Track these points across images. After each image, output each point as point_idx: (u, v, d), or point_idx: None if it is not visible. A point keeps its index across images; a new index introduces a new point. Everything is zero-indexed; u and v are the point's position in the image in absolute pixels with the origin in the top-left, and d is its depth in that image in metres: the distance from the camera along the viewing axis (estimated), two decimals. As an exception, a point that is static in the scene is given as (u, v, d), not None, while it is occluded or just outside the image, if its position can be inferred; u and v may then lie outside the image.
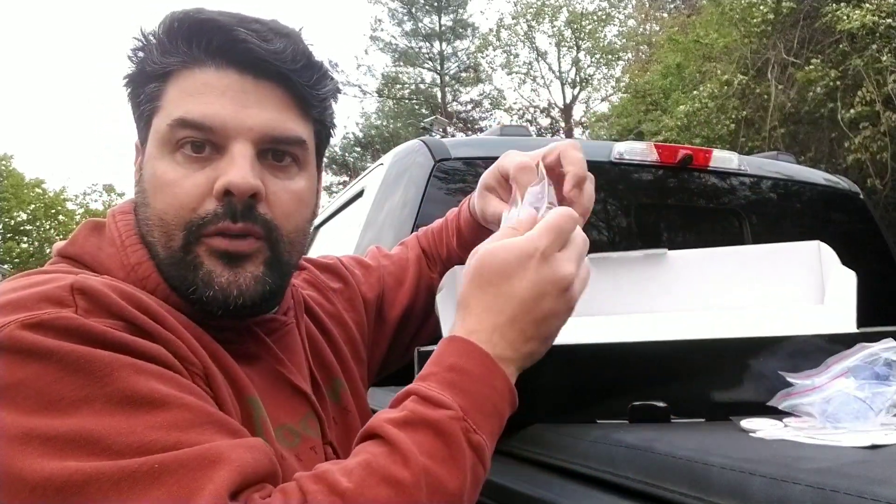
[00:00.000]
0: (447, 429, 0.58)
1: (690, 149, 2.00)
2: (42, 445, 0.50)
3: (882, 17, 6.78)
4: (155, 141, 0.68)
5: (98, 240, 0.70)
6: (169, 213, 0.66)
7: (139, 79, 0.70)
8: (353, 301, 0.93)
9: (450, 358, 0.63)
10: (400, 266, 1.01)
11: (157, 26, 0.69)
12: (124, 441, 0.51)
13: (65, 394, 0.52)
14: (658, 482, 0.60)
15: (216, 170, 0.66)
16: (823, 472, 0.48)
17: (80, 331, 0.55)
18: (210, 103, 0.66)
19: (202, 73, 0.67)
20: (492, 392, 0.62)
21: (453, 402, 0.59)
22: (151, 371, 0.56)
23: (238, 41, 0.66)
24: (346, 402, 0.83)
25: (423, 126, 14.61)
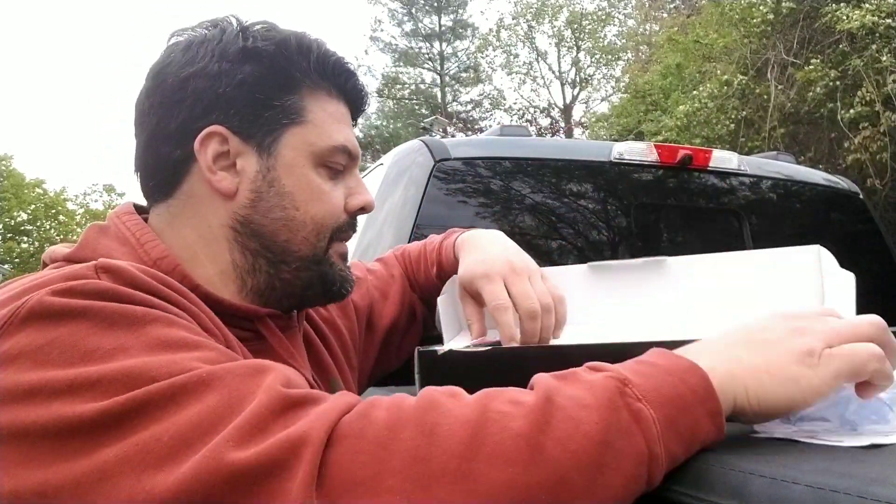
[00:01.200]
0: (599, 384, 0.51)
1: (690, 149, 2.00)
2: (90, 390, 0.50)
3: (882, 18, 6.78)
4: (301, 151, 0.74)
5: (108, 241, 0.70)
6: (326, 217, 0.76)
7: (279, 83, 0.74)
8: (345, 309, 0.97)
9: (639, 357, 0.57)
10: (384, 281, 1.05)
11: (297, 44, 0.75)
12: (167, 370, 0.51)
13: (101, 344, 0.52)
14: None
15: (347, 188, 0.79)
16: (823, 472, 0.48)
17: (109, 292, 0.56)
18: (352, 135, 0.80)
19: (337, 104, 0.79)
20: (678, 381, 0.52)
21: (620, 370, 0.53)
22: (182, 324, 0.58)
23: (361, 88, 0.81)
24: None
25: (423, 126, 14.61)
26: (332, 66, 0.77)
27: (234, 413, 0.49)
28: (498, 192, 1.81)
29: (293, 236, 0.74)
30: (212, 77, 0.72)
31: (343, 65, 0.79)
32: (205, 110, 0.72)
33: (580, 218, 1.89)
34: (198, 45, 0.74)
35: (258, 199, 0.73)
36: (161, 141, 0.74)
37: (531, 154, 1.90)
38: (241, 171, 0.73)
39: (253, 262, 0.74)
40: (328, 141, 0.76)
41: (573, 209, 1.88)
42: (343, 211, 0.78)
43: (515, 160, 1.88)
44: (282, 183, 0.73)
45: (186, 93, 0.72)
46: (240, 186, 0.73)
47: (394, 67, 21.93)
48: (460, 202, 1.76)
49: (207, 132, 0.72)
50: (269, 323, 0.76)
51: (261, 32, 0.75)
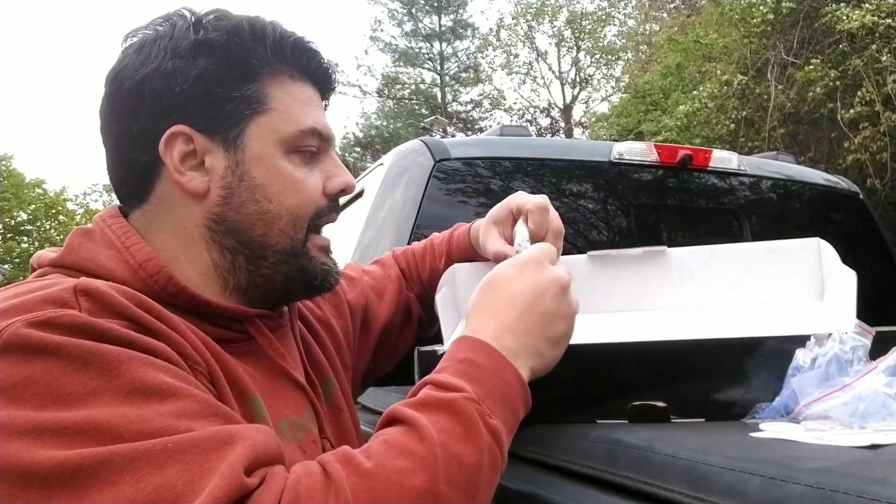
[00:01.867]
0: (462, 408, 0.60)
1: (690, 149, 2.00)
2: (53, 437, 0.50)
3: (882, 18, 6.77)
4: (269, 141, 0.73)
5: (93, 245, 0.70)
6: (302, 207, 0.74)
7: (236, 73, 0.71)
8: (339, 308, 0.97)
9: (460, 353, 0.66)
10: (379, 281, 1.06)
11: (251, 30, 0.72)
12: (136, 428, 0.51)
13: (73, 388, 0.52)
14: (658, 482, 0.60)
15: (324, 171, 0.77)
16: (823, 472, 0.48)
17: (86, 327, 0.55)
18: (321, 116, 0.77)
19: (303, 86, 0.76)
20: (503, 384, 0.64)
21: (467, 387, 0.62)
22: (159, 365, 0.57)
23: (326, 67, 0.79)
24: (338, 402, 0.85)
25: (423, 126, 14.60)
26: (291, 48, 0.75)
27: (190, 494, 0.49)
28: (498, 192, 1.81)
29: (269, 230, 0.73)
30: (167, 76, 0.70)
31: (303, 45, 0.76)
32: (164, 111, 0.70)
33: (580, 218, 1.89)
34: (150, 45, 0.72)
35: (230, 195, 0.72)
36: (126, 147, 0.72)
37: (531, 154, 1.90)
38: (210, 169, 0.71)
39: (232, 259, 0.73)
40: (295, 126, 0.73)
41: (573, 209, 1.88)
42: (321, 195, 0.76)
43: (515, 160, 1.88)
44: (252, 176, 0.72)
45: (144, 96, 0.70)
46: (210, 184, 0.71)
47: (394, 67, 21.92)
48: (460, 202, 1.76)
49: (170, 133, 0.70)
50: (258, 323, 0.75)
51: (212, 23, 0.72)
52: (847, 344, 0.66)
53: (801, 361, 0.68)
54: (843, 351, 0.65)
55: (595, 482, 0.68)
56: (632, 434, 0.69)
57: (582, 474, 0.70)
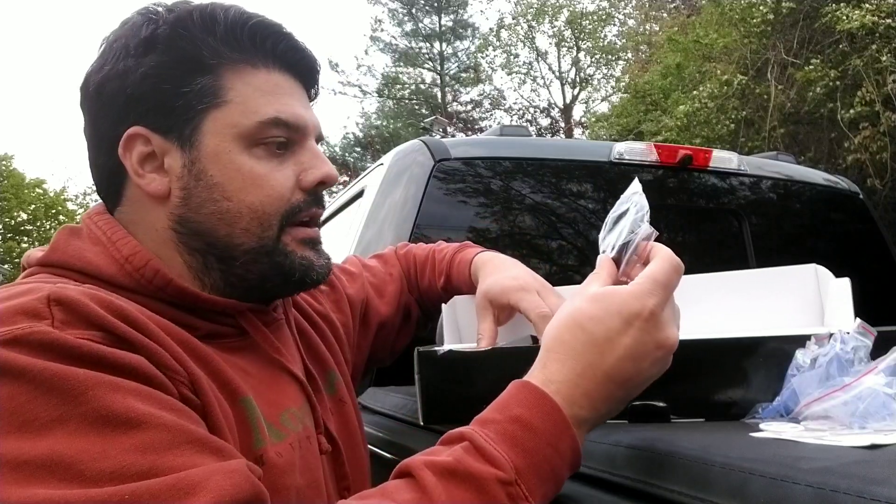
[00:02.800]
0: (492, 491, 0.53)
1: (690, 149, 2.00)
2: (12, 471, 0.48)
3: (882, 18, 6.78)
4: (225, 136, 0.69)
5: (80, 242, 0.68)
6: (266, 204, 0.70)
7: (184, 67, 0.68)
8: (339, 303, 0.96)
9: (517, 408, 0.57)
10: (380, 278, 1.04)
11: (201, 19, 0.69)
12: (97, 466, 0.49)
13: (38, 414, 0.50)
14: (658, 482, 0.60)
15: (299, 164, 0.72)
16: (823, 472, 0.48)
17: (54, 345, 0.53)
18: (290, 104, 0.72)
19: (268, 74, 0.71)
20: (554, 454, 0.56)
21: (507, 461, 0.54)
22: (129, 388, 0.54)
23: (298, 49, 0.73)
24: (342, 394, 0.85)
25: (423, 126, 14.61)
26: (249, 34, 0.70)
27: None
28: (498, 192, 1.81)
29: (232, 229, 0.70)
30: (119, 77, 0.68)
31: (265, 29, 0.71)
32: (121, 113, 0.69)
33: (580, 218, 1.89)
34: (108, 46, 0.70)
35: (188, 195, 0.69)
36: (96, 152, 0.72)
37: (531, 154, 1.90)
38: (168, 170, 0.69)
39: (203, 261, 0.71)
40: (253, 117, 0.69)
41: (573, 209, 1.88)
42: (296, 190, 0.72)
43: (515, 160, 1.88)
44: (209, 174, 0.69)
45: (103, 99, 0.69)
46: (171, 186, 0.69)
47: (394, 67, 21.92)
48: (460, 202, 1.76)
49: (127, 135, 0.68)
50: (250, 318, 0.74)
51: (162, 16, 0.69)
52: (848, 344, 0.66)
53: (802, 361, 0.68)
54: (845, 351, 0.65)
55: (595, 482, 0.68)
56: (632, 434, 0.69)
57: (582, 474, 0.70)
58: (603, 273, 0.65)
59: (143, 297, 0.66)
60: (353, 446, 0.83)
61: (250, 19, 0.70)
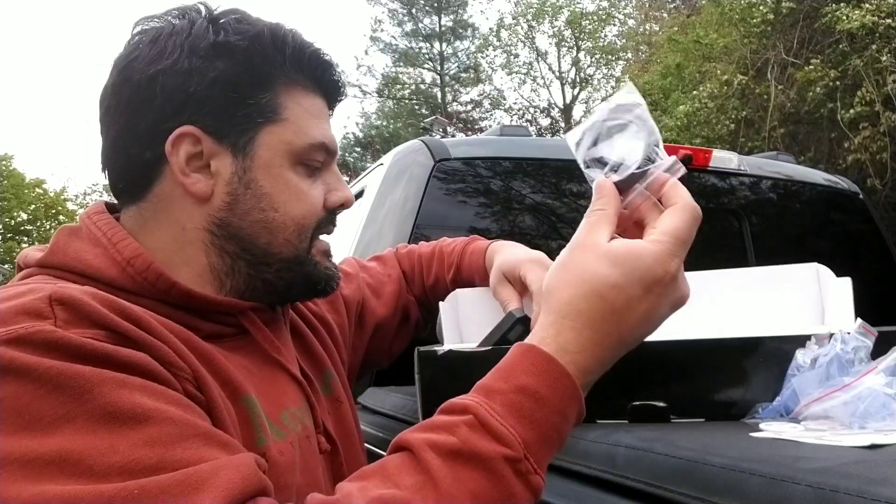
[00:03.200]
0: (500, 470, 0.51)
1: (690, 149, 2.00)
2: (21, 469, 0.48)
3: (882, 18, 6.78)
4: (278, 151, 0.72)
5: (79, 243, 0.68)
6: (307, 217, 0.74)
7: (253, 80, 0.70)
8: (334, 303, 0.96)
9: (523, 376, 0.55)
10: (378, 279, 1.05)
11: (271, 38, 0.71)
12: (106, 461, 0.49)
13: (45, 412, 0.50)
14: (658, 482, 0.60)
15: (325, 184, 0.77)
16: (823, 472, 0.48)
17: (58, 344, 0.53)
18: (329, 130, 0.77)
19: (314, 99, 0.76)
20: (562, 422, 0.55)
21: (515, 437, 0.52)
22: (135, 384, 0.54)
23: (338, 81, 0.78)
24: (338, 394, 0.85)
25: (423, 126, 14.61)
26: (309, 60, 0.74)
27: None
28: (498, 192, 1.81)
29: (274, 238, 0.72)
30: (182, 74, 0.68)
31: (320, 57, 0.76)
32: (175, 110, 0.68)
33: (580, 218, 1.89)
34: (165, 38, 0.69)
35: (235, 201, 0.70)
36: (129, 141, 0.70)
37: (531, 154, 1.90)
38: (215, 173, 0.70)
39: (232, 264, 0.72)
40: (306, 139, 0.73)
41: (573, 209, 1.88)
42: (322, 208, 0.76)
43: (515, 160, 1.88)
44: (259, 184, 0.71)
45: (155, 91, 0.68)
46: (215, 189, 0.70)
47: (394, 67, 21.91)
48: (460, 202, 1.76)
49: (179, 133, 0.68)
50: (252, 317, 0.74)
51: (232, 25, 0.70)
52: (849, 344, 0.66)
53: (802, 361, 0.68)
54: (845, 351, 0.65)
55: (595, 482, 0.68)
56: (632, 434, 0.69)
57: (582, 474, 0.70)
58: (610, 210, 0.61)
59: (145, 300, 0.66)
60: (350, 446, 0.83)
61: (311, 46, 0.75)
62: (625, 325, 0.57)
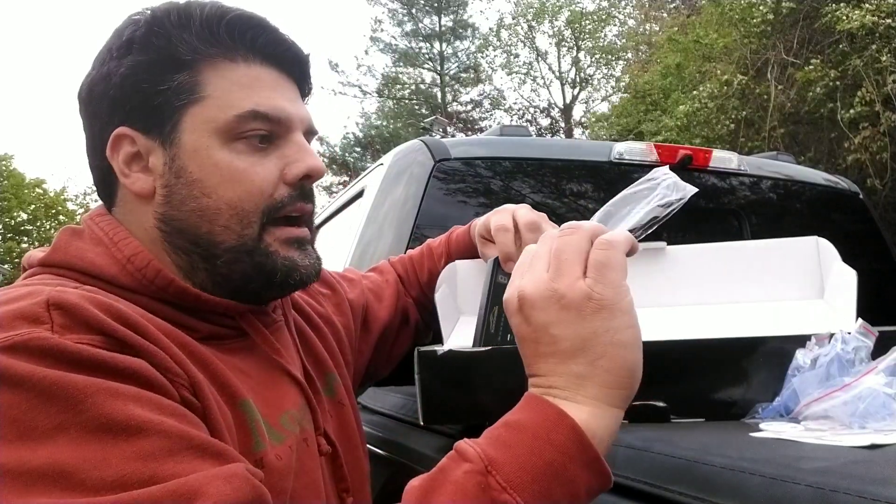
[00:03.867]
0: (462, 486, 0.51)
1: (690, 149, 2.00)
2: (13, 480, 0.48)
3: (882, 18, 6.78)
4: (203, 131, 0.68)
5: (81, 242, 0.69)
6: (245, 200, 0.69)
7: (161, 65, 0.68)
8: (340, 306, 0.96)
9: (513, 415, 0.56)
10: (377, 285, 1.06)
11: (177, 16, 0.69)
12: (98, 475, 0.49)
13: (38, 423, 0.50)
14: (658, 482, 0.60)
15: (283, 157, 0.71)
16: (823, 472, 0.48)
17: (53, 352, 0.53)
18: (271, 97, 0.70)
19: (248, 67, 0.70)
20: (546, 447, 0.52)
21: (480, 454, 0.52)
22: (129, 394, 0.54)
23: (280, 41, 0.72)
24: (340, 396, 0.85)
25: (423, 126, 14.61)
26: (227, 29, 0.69)
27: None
28: (498, 192, 1.81)
29: (212, 226, 0.69)
30: (104, 80, 0.69)
31: (244, 22, 0.70)
32: (108, 115, 0.69)
33: (580, 218, 1.87)
34: (98, 52, 0.72)
35: (170, 193, 0.69)
36: (91, 154, 0.73)
37: (531, 154, 1.90)
38: (153, 169, 0.70)
39: (189, 260, 0.70)
40: (230, 111, 0.68)
41: (573, 209, 1.88)
42: (280, 185, 0.70)
43: (515, 160, 1.87)
44: (189, 171, 0.69)
45: (93, 102, 0.70)
46: (155, 185, 0.70)
47: (394, 67, 21.91)
48: (460, 202, 1.76)
49: (114, 136, 0.69)
50: (251, 319, 0.74)
51: (144, 16, 0.69)
52: (850, 344, 0.66)
53: (802, 361, 0.68)
54: (846, 351, 0.65)
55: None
56: (632, 434, 0.69)
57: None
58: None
59: (144, 298, 0.66)
60: (351, 448, 0.83)
61: (227, 13, 0.70)
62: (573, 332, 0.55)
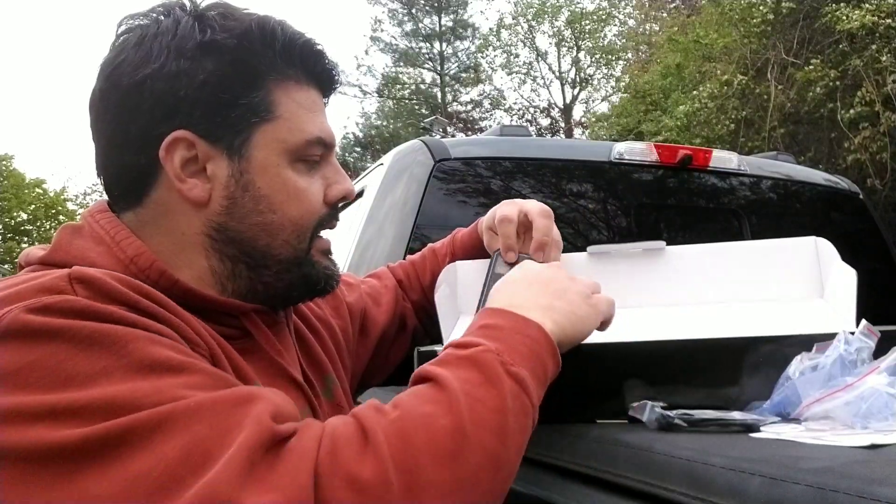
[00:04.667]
0: (481, 359, 0.61)
1: (690, 149, 2.00)
2: (72, 416, 0.49)
3: (881, 18, 6.78)
4: (274, 150, 0.71)
5: (82, 241, 0.67)
6: (305, 217, 0.73)
7: (245, 79, 0.68)
8: (338, 309, 0.96)
9: (480, 321, 0.67)
10: (375, 289, 1.06)
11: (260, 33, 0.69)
12: (151, 399, 0.51)
13: (81, 369, 0.51)
14: (658, 482, 0.60)
15: (325, 178, 0.75)
16: (823, 472, 0.48)
17: (87, 311, 0.54)
18: (326, 123, 0.75)
19: (308, 91, 0.74)
20: (526, 338, 0.65)
21: (486, 342, 0.62)
22: (165, 343, 0.56)
23: (331, 68, 0.76)
24: (338, 399, 0.85)
25: (423, 126, 14.61)
26: (300, 52, 0.72)
27: (221, 446, 0.49)
28: (498, 192, 1.81)
29: (272, 240, 0.71)
30: (171, 78, 0.66)
31: (311, 48, 0.73)
32: (166, 114, 0.66)
33: (580, 218, 1.89)
34: (151, 40, 0.67)
35: (233, 204, 0.69)
36: (122, 148, 0.69)
37: (531, 154, 1.90)
38: (212, 177, 0.69)
39: (232, 267, 0.71)
40: (301, 135, 0.71)
41: (573, 209, 1.88)
42: (322, 203, 0.74)
43: (515, 160, 1.88)
44: (256, 186, 0.69)
45: (144, 96, 0.66)
46: (212, 193, 0.69)
47: (394, 67, 21.91)
48: (460, 202, 1.76)
49: (172, 138, 0.67)
50: (255, 319, 0.74)
51: (219, 22, 0.68)
52: (853, 345, 0.66)
53: (803, 362, 0.68)
54: (849, 352, 0.65)
55: (595, 482, 0.68)
56: (631, 434, 0.69)
57: (582, 474, 0.70)
58: None
59: None
60: None
61: (301, 37, 0.73)
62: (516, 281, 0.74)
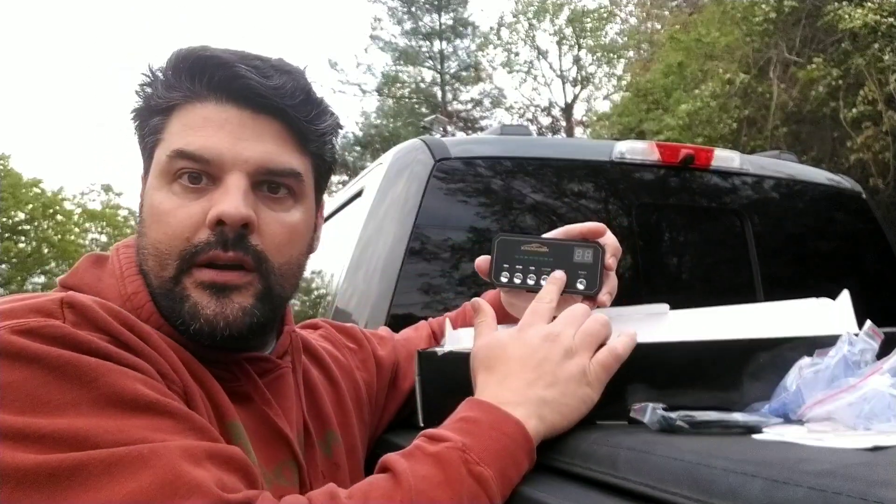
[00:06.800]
0: (445, 457, 0.60)
1: (692, 148, 1.99)
2: (34, 443, 0.51)
3: (884, 17, 6.78)
4: (155, 172, 0.71)
5: (99, 272, 0.72)
6: (164, 242, 0.68)
7: (145, 113, 0.73)
8: (366, 362, 0.95)
9: (461, 413, 0.67)
10: (411, 342, 1.04)
11: (164, 63, 0.72)
12: (113, 438, 0.53)
13: (52, 397, 0.53)
14: (659, 484, 0.59)
15: (210, 200, 0.67)
16: (825, 475, 0.48)
17: (66, 338, 0.57)
18: (209, 136, 0.68)
19: (203, 108, 0.69)
20: (502, 436, 0.64)
21: (456, 438, 0.62)
22: (137, 377, 0.58)
23: (238, 76, 0.68)
24: (337, 458, 0.83)
25: (423, 125, 14.62)
26: (188, 72, 0.69)
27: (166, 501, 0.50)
28: (498, 192, 1.81)
29: (145, 266, 0.70)
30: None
31: (203, 63, 0.68)
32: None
33: (581, 218, 1.89)
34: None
35: (137, 229, 0.73)
36: None
37: (532, 153, 1.90)
38: None
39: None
40: (165, 151, 0.69)
41: (574, 209, 1.88)
42: (202, 229, 0.67)
43: (516, 159, 1.87)
44: (142, 210, 0.73)
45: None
46: None
47: (394, 66, 21.91)
48: (460, 201, 1.76)
49: (142, 176, 0.75)
50: (244, 367, 0.74)
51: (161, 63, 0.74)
52: (856, 346, 0.65)
53: (805, 364, 0.68)
54: (852, 353, 0.64)
55: (595, 484, 0.67)
56: (632, 436, 0.69)
57: (582, 476, 0.70)
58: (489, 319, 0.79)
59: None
60: None
61: (191, 56, 0.69)
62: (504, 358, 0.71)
